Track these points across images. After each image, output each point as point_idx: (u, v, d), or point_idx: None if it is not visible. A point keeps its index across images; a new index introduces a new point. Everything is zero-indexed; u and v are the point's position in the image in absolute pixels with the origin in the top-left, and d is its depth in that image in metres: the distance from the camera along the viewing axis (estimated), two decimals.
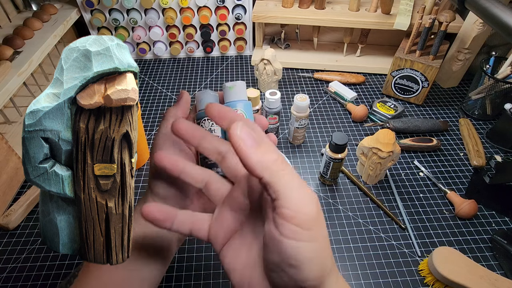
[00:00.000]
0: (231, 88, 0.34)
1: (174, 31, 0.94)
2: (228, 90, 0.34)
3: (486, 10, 0.46)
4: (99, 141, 0.24)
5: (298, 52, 0.98)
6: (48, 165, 0.23)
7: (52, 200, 0.25)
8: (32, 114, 0.22)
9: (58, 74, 0.23)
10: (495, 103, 0.75)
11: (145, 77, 0.94)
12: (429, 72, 0.76)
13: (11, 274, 0.52)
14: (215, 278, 0.51)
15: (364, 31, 0.90)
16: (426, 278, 0.50)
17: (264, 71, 0.81)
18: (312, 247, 0.21)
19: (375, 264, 0.53)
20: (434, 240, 0.56)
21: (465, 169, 0.67)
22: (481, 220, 0.58)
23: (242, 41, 0.99)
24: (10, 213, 0.57)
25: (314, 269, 0.21)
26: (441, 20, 0.72)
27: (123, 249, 0.26)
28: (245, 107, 0.34)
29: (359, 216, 0.59)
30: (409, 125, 0.74)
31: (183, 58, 1.01)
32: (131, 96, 0.23)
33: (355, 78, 0.89)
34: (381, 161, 0.59)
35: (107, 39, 0.23)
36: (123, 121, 0.24)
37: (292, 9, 0.90)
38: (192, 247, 0.55)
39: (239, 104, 0.34)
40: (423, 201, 0.61)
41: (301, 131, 0.70)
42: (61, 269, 0.52)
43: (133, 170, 0.26)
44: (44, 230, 0.26)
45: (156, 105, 0.84)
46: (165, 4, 0.89)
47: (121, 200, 0.25)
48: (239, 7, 0.93)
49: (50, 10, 0.86)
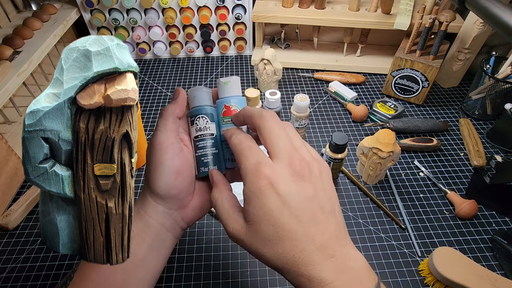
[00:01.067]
0: (225, 83, 0.34)
1: (174, 31, 0.94)
2: (223, 85, 0.35)
3: (487, 10, 0.46)
4: (99, 141, 0.24)
5: (298, 52, 0.98)
6: (48, 165, 0.23)
7: (52, 200, 0.25)
8: (32, 114, 0.22)
9: (58, 74, 0.23)
10: (495, 103, 0.75)
11: (145, 77, 0.94)
12: (429, 72, 0.76)
13: (11, 274, 0.52)
14: (215, 278, 0.51)
15: (364, 31, 0.90)
16: (426, 278, 0.50)
17: (264, 71, 0.81)
18: None
19: (375, 264, 0.53)
20: (434, 240, 0.56)
21: (465, 169, 0.67)
22: (481, 220, 0.58)
23: (242, 41, 0.99)
24: (10, 213, 0.57)
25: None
26: (441, 20, 0.72)
27: (123, 249, 0.26)
28: (239, 102, 0.35)
29: (359, 216, 0.59)
30: (409, 125, 0.74)
31: (183, 58, 1.01)
32: (131, 96, 0.23)
33: (355, 78, 0.89)
34: (381, 161, 0.59)
35: (107, 39, 0.23)
36: (123, 121, 0.24)
37: (292, 9, 0.90)
38: (192, 247, 0.55)
39: (233, 100, 0.34)
40: (423, 201, 0.61)
41: (301, 131, 0.70)
42: (61, 269, 0.52)
43: (133, 170, 0.26)
44: (44, 230, 0.26)
45: (156, 105, 0.84)
46: (165, 4, 0.89)
47: (121, 200, 0.25)
48: (239, 7, 0.93)
49: (49, 10, 0.86)
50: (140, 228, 0.32)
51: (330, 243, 0.25)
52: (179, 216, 0.34)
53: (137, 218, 0.32)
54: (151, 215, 0.33)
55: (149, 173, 0.32)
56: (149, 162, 0.33)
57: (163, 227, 0.33)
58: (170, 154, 0.32)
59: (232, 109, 0.34)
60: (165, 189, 0.32)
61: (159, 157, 0.32)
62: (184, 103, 0.35)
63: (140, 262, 0.32)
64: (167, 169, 0.32)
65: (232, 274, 0.52)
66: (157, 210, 0.33)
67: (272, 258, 0.26)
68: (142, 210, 0.33)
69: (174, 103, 0.34)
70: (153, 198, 0.33)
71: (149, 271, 0.32)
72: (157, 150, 0.32)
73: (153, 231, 0.32)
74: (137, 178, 0.66)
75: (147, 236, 0.32)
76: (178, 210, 0.34)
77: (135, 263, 0.31)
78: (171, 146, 0.32)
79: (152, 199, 0.33)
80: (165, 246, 0.34)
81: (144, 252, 0.32)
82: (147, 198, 0.33)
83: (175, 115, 0.34)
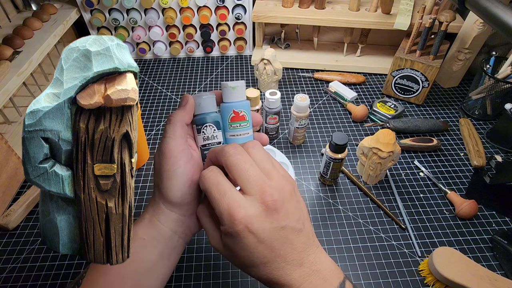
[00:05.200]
0: (234, 88, 0.35)
1: (174, 31, 0.94)
2: (231, 90, 0.35)
3: (487, 10, 0.46)
4: (99, 141, 0.24)
5: (298, 52, 0.98)
6: (48, 165, 0.23)
7: (52, 200, 0.25)
8: (32, 114, 0.22)
9: (58, 74, 0.23)
10: (495, 103, 0.75)
11: (145, 77, 0.93)
12: (429, 72, 0.76)
13: (11, 274, 0.52)
14: (215, 278, 0.51)
15: (364, 31, 0.90)
16: (426, 278, 0.50)
17: (264, 71, 0.81)
18: None
19: (375, 264, 0.53)
20: (434, 240, 0.56)
21: (466, 169, 0.67)
22: (482, 220, 0.58)
23: (242, 41, 0.99)
24: (10, 213, 0.57)
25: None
26: (441, 20, 0.72)
27: (123, 249, 0.26)
28: (247, 108, 0.35)
29: (359, 216, 0.59)
30: (409, 125, 0.74)
31: (183, 58, 1.01)
32: (131, 96, 0.23)
33: (355, 78, 0.89)
34: (381, 161, 0.59)
35: (107, 39, 0.23)
36: (123, 121, 0.24)
37: (292, 9, 0.90)
38: (192, 247, 0.55)
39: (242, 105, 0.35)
40: (423, 201, 0.61)
41: (301, 131, 0.70)
42: (61, 269, 0.52)
43: (133, 170, 0.26)
44: (44, 230, 0.26)
45: (156, 105, 0.84)
46: (165, 4, 0.89)
47: (121, 200, 0.25)
48: (239, 7, 0.93)
49: (49, 10, 0.86)
50: (153, 236, 0.32)
51: (300, 256, 0.28)
52: (192, 222, 0.34)
53: (150, 226, 0.32)
54: (164, 223, 0.32)
55: (162, 181, 0.32)
56: (160, 169, 0.32)
57: (175, 234, 0.33)
58: (182, 161, 0.31)
59: (241, 114, 0.35)
60: (180, 197, 0.32)
61: (172, 165, 0.31)
62: (192, 110, 0.34)
63: (149, 271, 0.32)
64: (181, 177, 0.31)
65: (232, 274, 0.52)
66: (171, 218, 0.32)
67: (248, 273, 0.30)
68: (155, 218, 0.32)
69: (182, 110, 0.34)
70: (167, 206, 0.32)
71: (158, 279, 0.32)
72: (169, 158, 0.31)
73: (165, 238, 0.32)
74: (137, 178, 0.66)
75: (158, 243, 0.32)
76: (191, 216, 0.34)
77: (145, 271, 0.31)
78: (182, 153, 0.32)
79: (166, 207, 0.32)
80: (176, 253, 0.34)
81: (154, 259, 0.32)
82: (160, 206, 0.32)
83: (184, 121, 0.33)
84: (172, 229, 0.33)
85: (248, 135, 0.36)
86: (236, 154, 0.29)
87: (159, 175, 0.32)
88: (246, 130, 0.35)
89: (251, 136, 0.36)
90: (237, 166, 0.29)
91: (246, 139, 0.35)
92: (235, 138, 0.35)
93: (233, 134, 0.35)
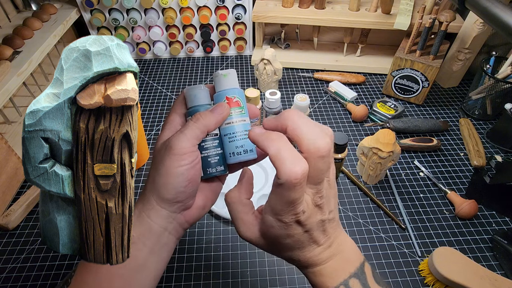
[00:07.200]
0: (225, 75, 0.34)
1: (174, 31, 0.94)
2: (223, 78, 0.34)
3: (486, 10, 0.46)
4: (99, 141, 0.24)
5: (298, 52, 0.98)
6: (48, 165, 0.23)
7: (52, 200, 0.25)
8: (32, 114, 0.22)
9: (58, 74, 0.23)
10: (495, 103, 0.75)
11: (145, 77, 0.93)
12: (429, 72, 0.76)
13: (11, 274, 0.52)
14: (215, 278, 0.51)
15: (364, 31, 0.90)
16: (426, 278, 0.50)
17: (264, 71, 0.81)
18: None
19: (375, 264, 0.53)
20: (434, 240, 0.56)
21: (466, 169, 0.67)
22: (482, 220, 0.58)
23: (242, 41, 0.99)
24: (10, 213, 0.57)
25: None
26: (441, 20, 0.72)
27: (123, 249, 0.26)
28: (240, 94, 0.34)
29: (359, 216, 0.59)
30: (409, 125, 0.74)
31: (183, 58, 1.01)
32: (131, 96, 0.23)
33: (355, 78, 0.89)
34: (381, 161, 0.59)
35: (107, 39, 0.23)
36: (123, 121, 0.24)
37: (292, 9, 0.90)
38: (192, 247, 0.55)
39: (235, 91, 0.34)
40: (423, 201, 0.61)
41: None
42: (61, 269, 0.52)
43: (133, 170, 0.26)
44: (44, 230, 0.26)
45: (156, 105, 0.84)
46: (165, 4, 0.89)
47: (121, 200, 0.25)
48: (239, 7, 0.93)
49: (49, 10, 0.86)
50: (141, 233, 0.31)
51: (330, 240, 0.31)
52: (183, 218, 0.33)
53: (138, 222, 0.31)
54: (154, 220, 0.31)
55: (159, 176, 0.30)
56: (161, 163, 0.30)
57: (165, 230, 0.32)
58: (187, 162, 0.30)
59: (235, 100, 0.34)
60: (174, 194, 0.31)
61: (175, 162, 0.30)
62: (222, 120, 0.33)
63: (140, 267, 0.31)
64: (180, 177, 0.30)
65: (232, 274, 0.52)
66: (161, 214, 0.31)
67: (281, 257, 0.32)
68: (144, 213, 0.31)
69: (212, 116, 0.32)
70: (158, 202, 0.31)
71: (149, 276, 0.32)
72: (174, 154, 0.30)
73: (155, 235, 0.32)
74: (137, 178, 0.66)
75: (148, 240, 0.31)
76: (182, 212, 0.33)
77: (135, 268, 0.31)
78: (191, 155, 0.30)
79: (157, 203, 0.31)
80: (167, 249, 0.33)
81: (144, 257, 0.31)
82: (150, 201, 0.31)
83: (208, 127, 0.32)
84: (162, 225, 0.32)
85: (245, 122, 0.34)
86: (301, 116, 0.28)
87: (157, 169, 0.31)
88: (242, 117, 0.34)
89: (248, 124, 0.34)
90: (305, 124, 0.27)
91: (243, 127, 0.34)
92: (230, 126, 0.33)
93: (228, 122, 0.33)
